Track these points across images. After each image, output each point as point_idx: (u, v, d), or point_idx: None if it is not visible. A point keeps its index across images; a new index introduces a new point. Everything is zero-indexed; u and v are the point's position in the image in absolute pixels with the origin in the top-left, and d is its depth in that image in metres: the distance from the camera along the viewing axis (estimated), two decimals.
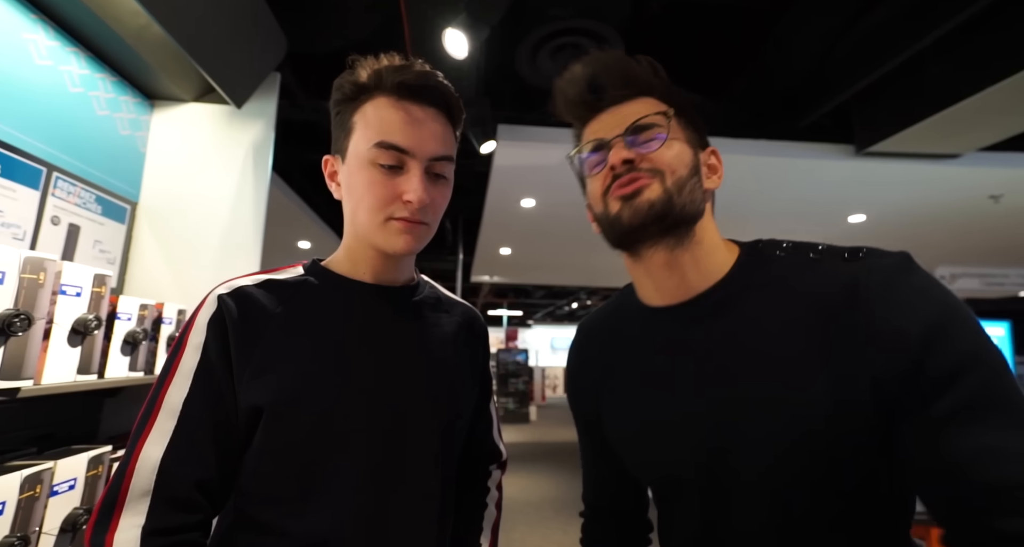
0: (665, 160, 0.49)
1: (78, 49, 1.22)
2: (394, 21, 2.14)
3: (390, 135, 0.53)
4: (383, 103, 0.55)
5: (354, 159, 0.56)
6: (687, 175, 0.50)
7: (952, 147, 2.78)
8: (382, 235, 0.56)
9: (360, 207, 0.56)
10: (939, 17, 1.97)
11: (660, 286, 0.53)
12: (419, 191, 0.54)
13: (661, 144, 0.49)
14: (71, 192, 1.18)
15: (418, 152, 0.54)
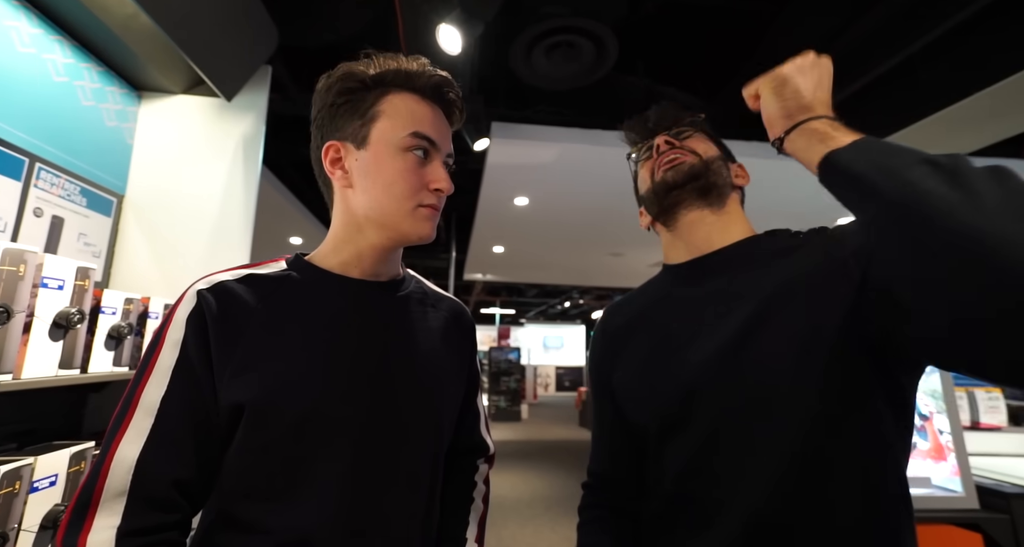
0: (699, 146, 0.65)
1: (62, 37, 1.19)
2: (388, 15, 2.13)
3: (423, 126, 0.58)
4: (411, 98, 0.59)
5: (383, 145, 0.57)
6: (716, 157, 0.64)
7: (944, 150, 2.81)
8: (410, 221, 0.58)
9: (388, 193, 0.57)
10: (931, 21, 2.00)
11: (689, 242, 0.64)
12: (448, 180, 0.59)
13: (693, 137, 0.66)
14: (55, 183, 1.15)
15: (442, 146, 0.60)
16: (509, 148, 2.92)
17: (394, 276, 0.65)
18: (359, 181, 0.57)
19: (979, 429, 1.93)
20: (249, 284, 0.56)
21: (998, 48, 2.07)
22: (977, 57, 2.15)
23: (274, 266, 0.60)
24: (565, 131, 2.84)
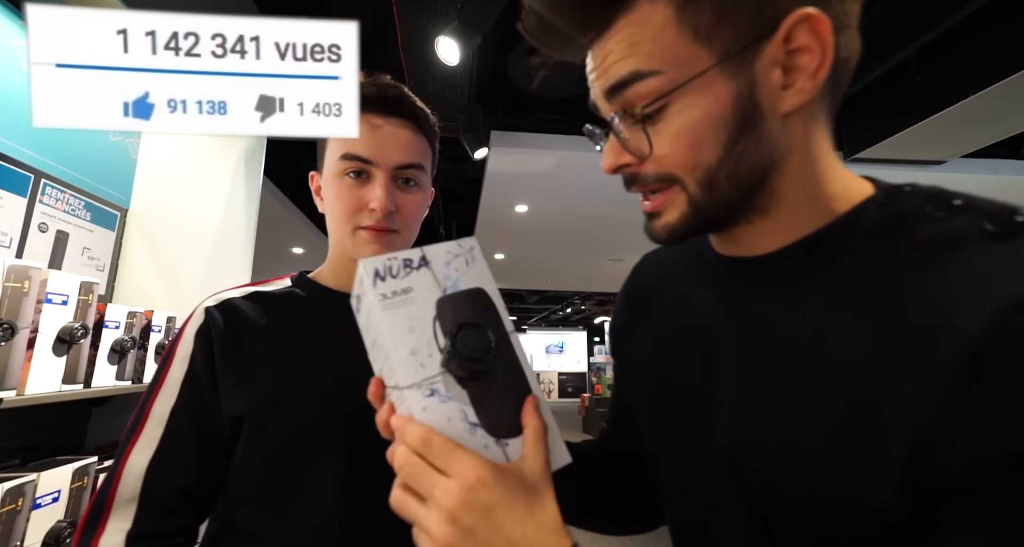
0: (678, 158, 0.33)
1: None
2: (388, 28, 2.16)
3: (352, 146, 0.56)
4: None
5: (327, 173, 0.59)
6: (721, 154, 0.32)
7: (937, 154, 2.83)
8: (352, 245, 0.58)
9: (332, 218, 0.59)
10: (925, 25, 2.02)
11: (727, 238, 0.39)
12: (381, 198, 0.55)
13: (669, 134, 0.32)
14: (59, 199, 1.16)
15: (381, 161, 0.56)
16: (508, 156, 2.94)
17: None
18: (325, 208, 0.61)
19: None
20: (255, 301, 0.59)
21: (993, 51, 2.09)
22: (972, 60, 2.17)
23: (279, 284, 0.63)
24: (563, 139, 2.86)
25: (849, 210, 0.34)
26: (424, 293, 0.35)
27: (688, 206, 0.34)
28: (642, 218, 0.38)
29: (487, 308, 0.36)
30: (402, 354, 0.33)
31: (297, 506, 0.52)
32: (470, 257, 0.37)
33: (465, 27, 1.86)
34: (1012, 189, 3.20)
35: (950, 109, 2.26)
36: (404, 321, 0.34)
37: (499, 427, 0.33)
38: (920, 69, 2.32)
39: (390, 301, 0.34)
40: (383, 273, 0.34)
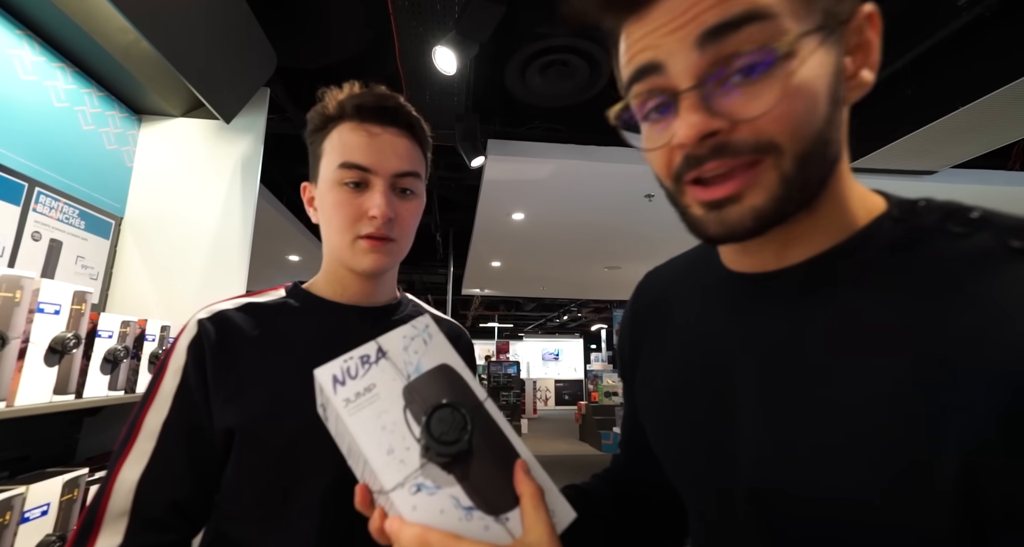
0: (790, 119, 0.28)
1: (64, 64, 1.21)
2: (385, 38, 2.17)
3: (351, 155, 0.56)
4: (346, 128, 0.58)
5: (323, 183, 0.59)
6: (823, 124, 0.29)
7: (929, 164, 2.87)
8: (350, 254, 0.57)
9: (330, 228, 0.58)
10: (915, 37, 2.05)
11: (741, 253, 0.37)
12: (382, 206, 0.55)
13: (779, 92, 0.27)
14: (53, 207, 1.16)
15: (380, 169, 0.56)
16: (505, 165, 2.95)
17: (389, 300, 0.66)
18: (320, 218, 0.61)
19: None
20: (248, 312, 0.58)
21: (982, 63, 2.13)
22: (962, 72, 2.21)
23: (273, 294, 0.62)
24: (560, 147, 2.88)
25: (866, 225, 0.32)
26: (388, 385, 0.34)
27: (780, 186, 0.29)
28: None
29: (455, 382, 0.35)
30: (379, 456, 0.32)
31: (289, 520, 0.51)
32: (426, 335, 0.37)
33: (462, 37, 1.87)
34: (1002, 199, 3.25)
35: (940, 120, 2.29)
36: (374, 420, 0.32)
37: (495, 503, 0.32)
38: (911, 82, 2.36)
39: (355, 404, 0.33)
40: (341, 377, 0.33)
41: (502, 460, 0.33)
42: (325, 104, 0.59)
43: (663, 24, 0.29)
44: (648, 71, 0.30)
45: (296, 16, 2.04)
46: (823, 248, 0.32)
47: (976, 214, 0.30)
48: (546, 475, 0.34)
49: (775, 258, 0.34)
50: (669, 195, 0.35)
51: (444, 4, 1.97)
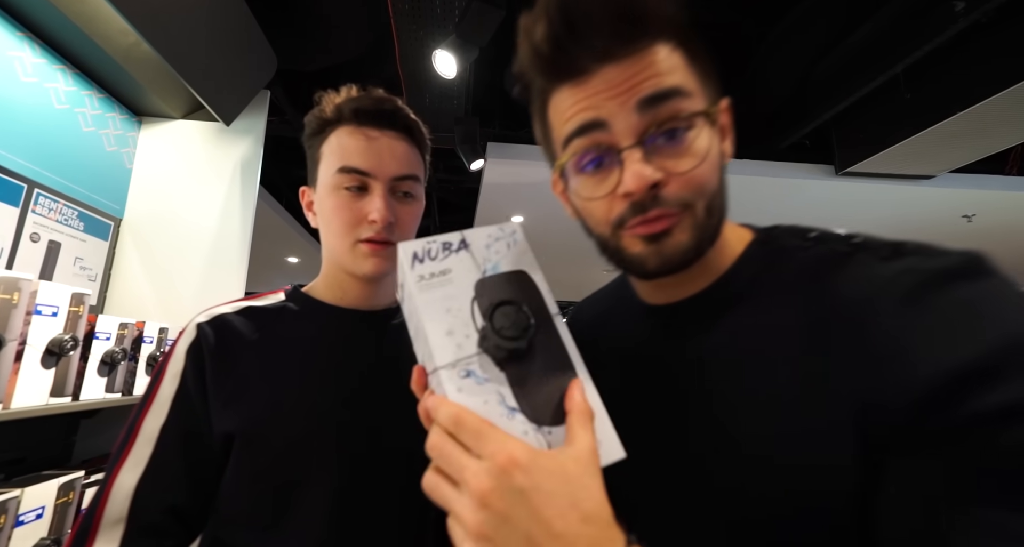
0: (703, 178, 0.35)
1: (65, 66, 1.21)
2: (385, 41, 2.18)
3: (350, 159, 0.56)
4: (344, 132, 0.57)
5: (322, 187, 0.58)
6: (718, 183, 0.37)
7: (927, 168, 2.88)
8: (351, 259, 0.57)
9: (330, 232, 0.58)
10: (914, 42, 2.07)
11: (656, 288, 0.44)
12: (382, 209, 0.55)
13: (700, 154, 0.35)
14: (52, 208, 1.16)
15: (379, 173, 0.56)
16: (504, 167, 2.96)
17: (389, 304, 0.65)
18: (319, 222, 0.61)
19: None
20: (247, 316, 0.58)
21: (980, 68, 2.14)
22: (961, 77, 2.22)
23: (273, 298, 0.62)
24: None
25: (743, 251, 0.41)
26: (463, 275, 0.33)
27: (696, 229, 0.37)
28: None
29: (529, 289, 0.34)
30: (439, 334, 0.32)
31: (289, 526, 0.50)
32: (511, 240, 0.36)
33: (462, 41, 1.88)
34: (999, 203, 3.26)
35: (938, 125, 2.30)
36: (441, 302, 0.32)
37: (541, 413, 0.31)
38: (909, 86, 2.37)
39: (427, 283, 0.33)
40: (421, 255, 0.34)
41: (558, 373, 0.32)
42: (322, 108, 0.59)
43: (603, 90, 0.35)
44: (591, 127, 0.36)
45: (296, 19, 2.04)
46: (717, 276, 0.41)
47: (813, 233, 0.40)
48: (601, 404, 0.32)
49: (682, 289, 0.42)
50: (601, 240, 0.40)
51: (444, 8, 1.97)
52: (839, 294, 0.34)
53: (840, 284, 0.34)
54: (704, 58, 0.38)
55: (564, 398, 0.31)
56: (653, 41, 0.35)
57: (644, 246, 0.37)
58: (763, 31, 2.47)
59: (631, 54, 0.35)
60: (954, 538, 0.26)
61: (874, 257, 0.35)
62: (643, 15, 0.35)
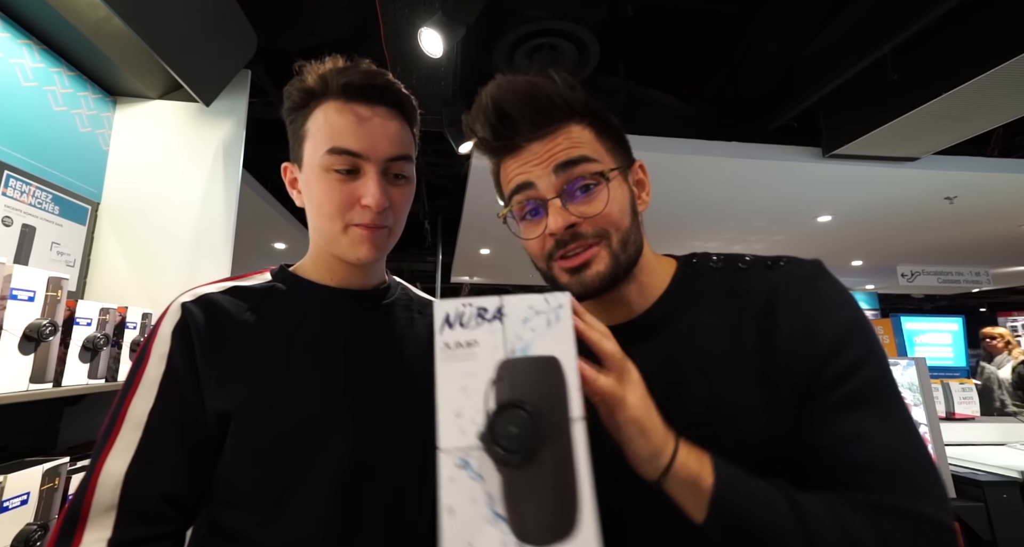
0: (611, 218, 0.47)
1: (30, 41, 1.16)
2: (369, 19, 2.12)
3: (341, 140, 0.52)
4: (332, 107, 0.53)
5: (310, 167, 0.55)
6: (630, 224, 0.49)
7: (911, 150, 2.91)
8: (343, 244, 0.55)
9: (320, 215, 0.55)
10: (899, 24, 2.06)
11: (605, 311, 0.53)
12: (377, 195, 0.52)
13: (604, 201, 0.47)
14: (24, 191, 1.12)
15: (372, 154, 0.53)
16: None
17: (379, 284, 0.64)
18: (305, 202, 0.58)
19: (954, 420, 1.98)
20: (235, 296, 0.56)
21: (966, 49, 2.15)
22: (946, 58, 2.23)
23: (259, 278, 0.60)
24: None
25: (673, 276, 0.53)
26: (488, 351, 0.31)
27: (612, 259, 0.48)
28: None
29: (554, 384, 0.31)
30: (447, 413, 0.30)
31: (289, 509, 0.49)
32: (554, 316, 0.33)
33: (449, 19, 1.83)
34: (980, 185, 3.32)
35: (923, 107, 2.32)
36: (459, 378, 0.31)
37: (528, 529, 0.29)
38: (896, 67, 2.37)
39: (451, 353, 0.31)
40: (452, 320, 0.32)
41: (560, 492, 0.29)
42: (305, 79, 0.55)
43: (531, 160, 0.49)
44: (524, 187, 0.49)
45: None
46: (653, 300, 0.52)
47: (721, 255, 0.53)
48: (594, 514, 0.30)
49: (625, 312, 0.52)
50: (543, 272, 0.52)
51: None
52: (751, 295, 0.47)
53: (749, 289, 0.47)
54: (612, 132, 0.51)
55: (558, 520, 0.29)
56: (565, 122, 0.48)
57: (569, 277, 0.49)
58: (750, 13, 2.44)
59: (548, 133, 0.48)
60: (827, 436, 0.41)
61: (764, 268, 0.49)
62: (551, 106, 0.48)
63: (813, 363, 0.43)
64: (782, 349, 0.44)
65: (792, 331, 0.44)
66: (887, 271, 5.93)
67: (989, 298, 9.30)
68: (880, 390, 0.42)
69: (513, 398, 0.30)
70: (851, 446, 0.40)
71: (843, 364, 0.42)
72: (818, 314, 0.44)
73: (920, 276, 5.60)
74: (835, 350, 0.42)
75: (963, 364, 5.47)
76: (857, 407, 0.41)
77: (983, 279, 5.81)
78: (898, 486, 0.38)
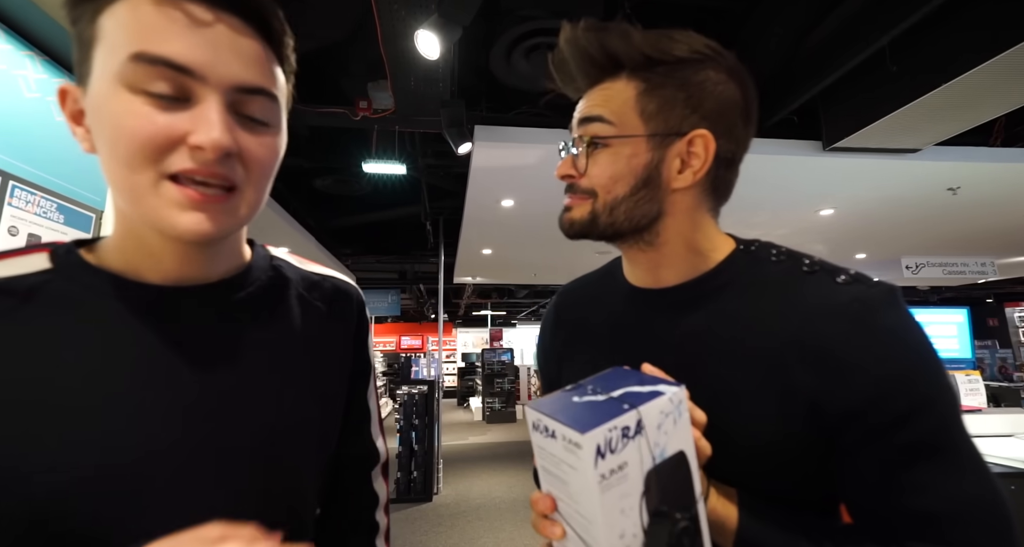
0: (600, 181, 0.48)
1: (33, 53, 1.17)
2: (366, 21, 2.12)
3: (158, 43, 0.33)
4: (145, 2, 0.34)
5: (102, 84, 0.34)
6: (627, 193, 0.47)
7: (912, 142, 2.89)
8: (153, 207, 0.35)
9: (115, 161, 0.35)
10: (895, 17, 2.05)
11: (635, 272, 0.54)
12: (217, 127, 0.34)
13: (595, 165, 0.48)
14: (30, 201, 1.13)
15: (211, 73, 0.34)
16: (493, 151, 2.93)
17: (229, 271, 0.43)
18: (96, 144, 0.37)
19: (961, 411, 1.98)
20: None
21: (965, 39, 2.14)
22: (946, 48, 2.22)
23: (22, 263, 0.37)
24: (548, 132, 2.86)
25: (725, 257, 0.50)
26: (636, 467, 0.32)
27: (590, 215, 0.49)
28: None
29: (684, 476, 0.34)
30: (612, 538, 0.31)
31: None
32: (677, 413, 0.34)
33: (445, 20, 1.84)
34: (984, 175, 3.30)
35: (924, 98, 2.30)
36: (617, 502, 0.31)
37: None
38: (895, 58, 2.36)
39: (607, 482, 0.31)
40: (603, 449, 0.31)
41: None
42: None
43: (579, 106, 0.51)
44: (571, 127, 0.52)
45: None
46: (695, 273, 0.50)
47: (783, 248, 0.50)
48: None
49: (653, 278, 0.52)
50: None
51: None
52: (806, 308, 0.43)
53: (807, 298, 0.44)
54: (668, 91, 0.46)
55: None
56: (613, 75, 0.48)
57: (562, 212, 0.52)
58: (747, 7, 2.44)
59: (595, 84, 0.49)
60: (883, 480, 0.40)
61: (831, 279, 0.44)
62: (596, 62, 0.48)
63: (857, 407, 0.40)
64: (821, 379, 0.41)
65: (840, 364, 0.40)
66: (891, 264, 5.91)
67: (995, 288, 9.25)
68: (949, 436, 0.39)
69: (660, 506, 0.33)
70: (913, 494, 0.38)
71: (902, 406, 0.39)
72: (874, 352, 0.40)
73: (925, 268, 5.57)
74: (885, 395, 0.39)
75: (969, 356, 5.44)
76: (923, 453, 0.38)
77: (989, 270, 5.77)
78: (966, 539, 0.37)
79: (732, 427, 0.43)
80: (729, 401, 0.44)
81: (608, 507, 0.31)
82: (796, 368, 0.42)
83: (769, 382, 0.43)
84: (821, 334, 0.42)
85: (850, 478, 0.42)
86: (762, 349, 0.44)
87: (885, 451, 0.39)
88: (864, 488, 0.41)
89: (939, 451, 0.39)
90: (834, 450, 0.42)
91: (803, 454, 0.43)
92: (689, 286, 0.50)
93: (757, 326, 0.45)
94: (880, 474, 0.40)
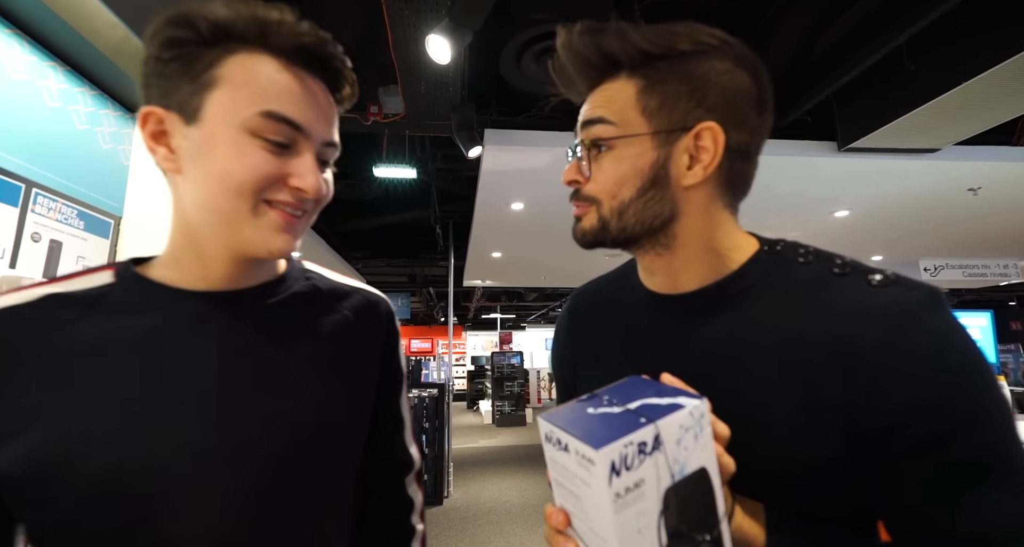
0: (603, 186, 0.45)
1: (55, 63, 1.20)
2: (378, 27, 2.15)
3: (283, 105, 0.42)
4: (270, 64, 0.42)
5: (220, 126, 0.41)
6: (634, 195, 0.45)
7: (931, 142, 2.83)
8: (252, 227, 0.43)
9: (221, 188, 0.41)
10: (913, 16, 2.02)
11: (652, 278, 0.51)
12: (314, 178, 0.43)
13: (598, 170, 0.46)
14: (51, 208, 1.16)
15: (313, 132, 0.44)
16: (503, 154, 2.93)
17: (267, 278, 0.50)
18: (189, 167, 0.43)
19: None
20: (47, 308, 0.42)
21: (985, 37, 2.09)
22: (965, 46, 2.17)
23: (92, 279, 0.45)
24: (558, 135, 2.86)
25: (748, 259, 0.47)
26: (653, 485, 0.31)
27: (599, 222, 0.47)
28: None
29: (706, 493, 0.33)
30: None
31: None
32: (698, 428, 0.33)
33: (456, 25, 1.85)
34: (1006, 175, 3.22)
35: (943, 96, 2.26)
36: (633, 522, 0.30)
37: None
38: (912, 57, 2.32)
39: (622, 501, 0.30)
40: (619, 466, 0.30)
41: None
42: (217, 12, 0.41)
43: (582, 109, 0.48)
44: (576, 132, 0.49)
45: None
46: (715, 276, 0.47)
47: (811, 248, 0.47)
48: None
49: (678, 283, 0.48)
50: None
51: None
52: (838, 313, 0.40)
53: (839, 303, 0.40)
54: (670, 86, 0.44)
55: None
56: (612, 75, 0.46)
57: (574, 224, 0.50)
58: (760, 7, 2.41)
59: (596, 86, 0.47)
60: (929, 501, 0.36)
61: (865, 282, 0.41)
62: (593, 64, 0.46)
63: (898, 419, 0.36)
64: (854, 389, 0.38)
65: (877, 374, 0.37)
66: (909, 266, 5.78)
67: (1019, 291, 9.01)
68: (1006, 452, 0.36)
69: (680, 527, 0.31)
70: (965, 515, 0.35)
71: (949, 419, 0.35)
72: (915, 361, 0.36)
73: (944, 270, 5.44)
74: (940, 401, 0.36)
75: (993, 360, 5.31)
76: (977, 471, 0.35)
77: (1012, 272, 5.62)
78: None
79: (759, 443, 0.40)
80: (755, 414, 0.41)
81: (623, 527, 0.30)
82: (828, 378, 0.38)
83: (798, 394, 0.39)
84: (855, 341, 0.38)
85: (890, 496, 0.38)
86: (790, 358, 0.40)
87: (932, 468, 0.36)
88: (907, 508, 0.37)
89: (995, 469, 0.35)
90: (871, 466, 0.38)
91: (836, 470, 0.39)
92: (710, 290, 0.46)
93: (784, 333, 0.41)
94: (925, 493, 0.36)
